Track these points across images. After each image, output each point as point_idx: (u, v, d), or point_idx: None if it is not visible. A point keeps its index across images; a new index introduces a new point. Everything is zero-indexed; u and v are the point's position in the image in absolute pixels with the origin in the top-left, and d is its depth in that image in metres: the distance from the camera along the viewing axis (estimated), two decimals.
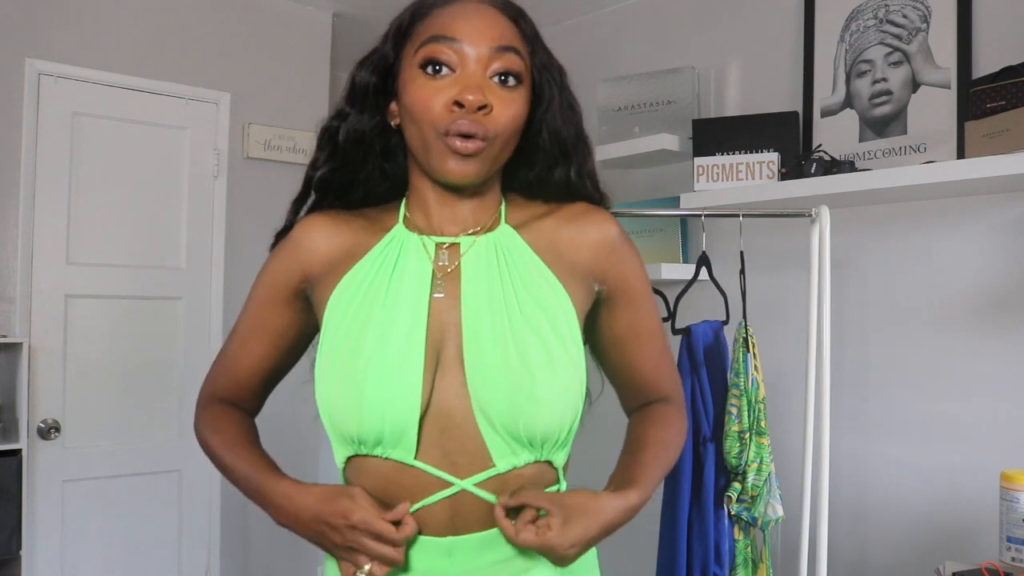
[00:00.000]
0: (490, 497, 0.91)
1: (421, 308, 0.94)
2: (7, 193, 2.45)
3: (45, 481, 2.50)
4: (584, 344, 0.99)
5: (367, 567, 0.89)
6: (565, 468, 0.99)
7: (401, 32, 0.98)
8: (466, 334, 0.93)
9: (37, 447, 2.48)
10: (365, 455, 0.94)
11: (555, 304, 0.95)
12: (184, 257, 2.80)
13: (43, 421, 2.50)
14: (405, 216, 1.02)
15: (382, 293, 0.95)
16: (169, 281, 2.77)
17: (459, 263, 0.97)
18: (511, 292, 0.94)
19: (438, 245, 0.98)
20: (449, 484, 0.92)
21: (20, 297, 2.46)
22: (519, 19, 0.98)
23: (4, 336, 2.39)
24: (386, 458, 0.92)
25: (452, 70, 0.92)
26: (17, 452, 2.30)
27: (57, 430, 2.51)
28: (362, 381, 0.90)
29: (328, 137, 1.03)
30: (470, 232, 0.99)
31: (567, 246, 1.00)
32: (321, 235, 1.01)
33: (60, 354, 2.54)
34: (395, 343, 0.92)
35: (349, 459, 0.96)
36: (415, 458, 0.91)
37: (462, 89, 0.90)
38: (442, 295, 0.95)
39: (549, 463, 0.95)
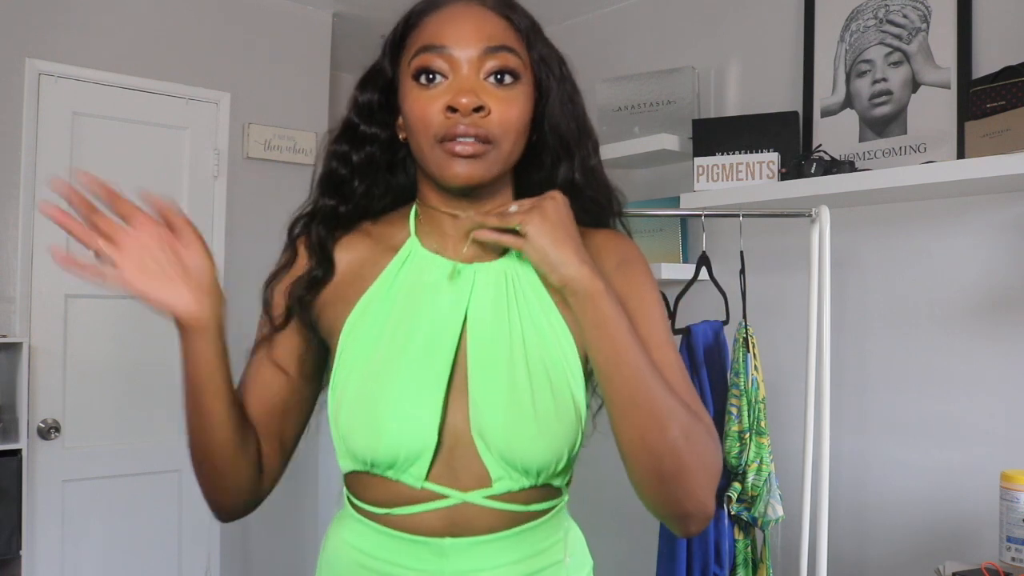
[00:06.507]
0: (490, 505, 0.92)
1: (437, 340, 0.93)
2: (7, 193, 2.45)
3: (45, 481, 2.50)
4: (590, 377, 0.94)
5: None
6: (568, 482, 0.98)
7: (395, 45, 0.97)
8: (471, 365, 0.92)
9: (37, 447, 2.48)
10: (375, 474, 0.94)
11: (555, 339, 0.93)
12: None
13: (43, 421, 2.50)
14: (416, 231, 1.00)
15: (398, 320, 0.94)
16: None
17: (469, 290, 0.96)
18: (516, 324, 0.93)
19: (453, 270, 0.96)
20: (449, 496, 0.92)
21: (20, 297, 2.46)
22: (510, 14, 0.94)
23: (4, 336, 2.39)
24: (396, 480, 0.92)
25: (445, 77, 0.90)
26: (17, 452, 2.30)
27: (57, 430, 2.51)
28: (383, 414, 0.90)
29: (343, 161, 1.00)
30: (484, 258, 0.97)
31: None
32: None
33: (60, 354, 2.54)
34: (413, 376, 0.91)
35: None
36: (424, 480, 0.91)
37: (455, 93, 0.88)
38: None
39: (549, 484, 0.95)
